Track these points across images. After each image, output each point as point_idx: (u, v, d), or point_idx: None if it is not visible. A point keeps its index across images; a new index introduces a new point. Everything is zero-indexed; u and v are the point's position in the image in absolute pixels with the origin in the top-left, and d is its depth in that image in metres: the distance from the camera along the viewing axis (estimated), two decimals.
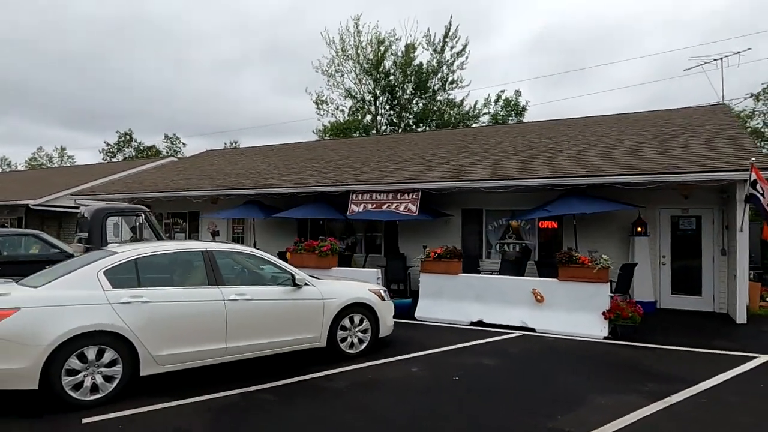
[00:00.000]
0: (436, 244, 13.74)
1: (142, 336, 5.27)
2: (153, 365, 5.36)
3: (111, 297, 5.22)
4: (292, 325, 6.35)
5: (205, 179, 17.08)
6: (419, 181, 12.21)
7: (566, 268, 8.64)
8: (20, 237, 10.31)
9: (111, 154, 43.41)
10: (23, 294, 4.96)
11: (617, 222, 11.72)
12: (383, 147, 17.32)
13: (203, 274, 5.93)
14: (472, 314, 9.29)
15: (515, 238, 13.15)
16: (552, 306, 8.74)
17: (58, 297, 5.01)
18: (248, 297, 6.01)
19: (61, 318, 4.91)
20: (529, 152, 13.04)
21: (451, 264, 9.67)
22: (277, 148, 21.23)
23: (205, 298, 5.75)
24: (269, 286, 6.36)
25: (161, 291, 5.54)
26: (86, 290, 5.17)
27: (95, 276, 5.29)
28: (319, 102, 35.33)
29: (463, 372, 6.27)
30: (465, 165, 12.97)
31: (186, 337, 5.56)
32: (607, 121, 15.27)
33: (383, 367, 6.50)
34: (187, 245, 6.13)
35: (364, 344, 7.02)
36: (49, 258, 9.41)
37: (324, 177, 14.30)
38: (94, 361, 5.04)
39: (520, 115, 31.68)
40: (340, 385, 5.77)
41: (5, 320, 4.71)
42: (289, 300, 6.36)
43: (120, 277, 5.42)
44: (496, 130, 17.13)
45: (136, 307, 5.30)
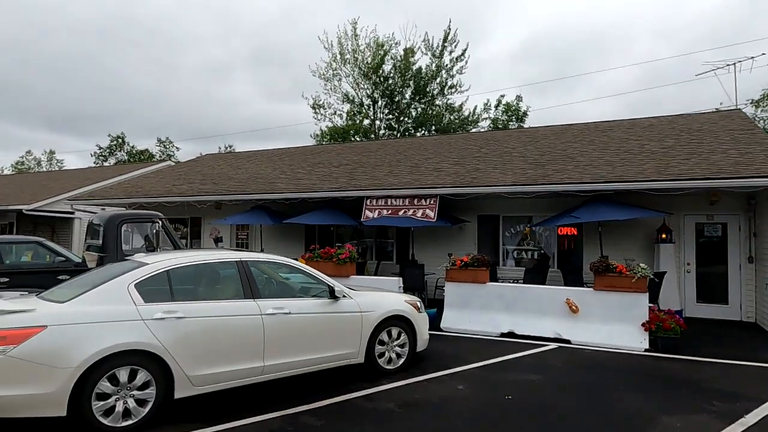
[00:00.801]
0: (451, 251, 13.46)
1: (177, 355, 4.83)
2: (188, 387, 4.92)
3: (143, 312, 4.78)
4: (330, 340, 5.93)
5: (208, 184, 16.59)
6: (438, 186, 11.85)
7: (602, 277, 8.31)
8: (23, 245, 9.79)
9: (103, 158, 42.58)
10: (49, 310, 4.50)
11: (641, 229, 11.45)
12: (391, 151, 16.96)
13: (238, 286, 5.50)
14: (502, 325, 8.93)
15: (533, 245, 12.87)
16: (587, 317, 8.40)
17: (88, 313, 4.56)
18: (286, 311, 5.59)
19: (92, 336, 4.46)
20: (548, 157, 12.74)
21: (479, 272, 9.30)
22: (280, 152, 20.79)
23: (241, 312, 5.32)
24: (306, 298, 5.95)
25: (196, 305, 5.10)
26: (117, 305, 4.72)
27: (126, 289, 4.85)
28: (316, 106, 34.96)
29: (513, 390, 5.89)
30: (482, 170, 12.64)
31: (222, 355, 5.13)
32: (621, 126, 15.06)
33: (426, 384, 6.10)
34: (219, 255, 5.70)
35: (402, 359, 6.62)
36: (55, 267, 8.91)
37: (335, 182, 13.89)
38: (126, 383, 4.60)
39: (521, 120, 31.52)
40: (387, 406, 5.36)
41: (31, 340, 4.25)
42: (327, 313, 5.95)
43: (152, 290, 4.98)
44: (507, 135, 16.85)
45: (170, 323, 4.86)
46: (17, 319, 4.32)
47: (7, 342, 4.19)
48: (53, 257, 9.82)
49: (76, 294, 4.75)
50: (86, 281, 5.26)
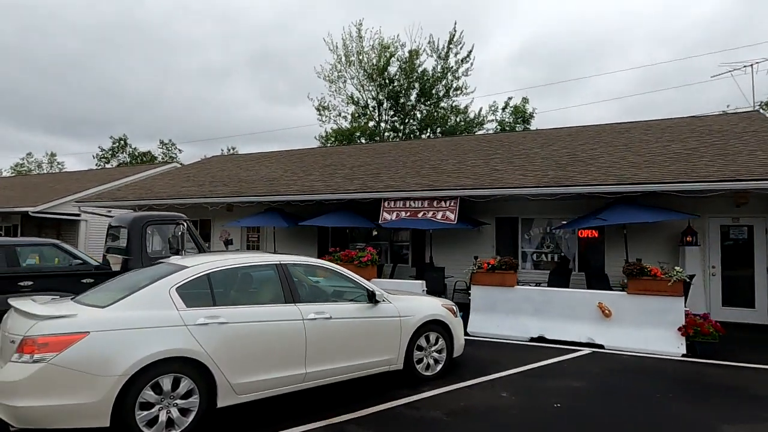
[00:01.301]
0: (468, 254, 13.26)
1: (221, 362, 4.62)
2: (231, 395, 4.71)
3: (186, 318, 4.57)
4: (369, 346, 5.73)
5: (218, 185, 16.38)
6: (458, 187, 11.67)
7: (637, 281, 8.13)
8: (40, 247, 9.56)
9: (105, 160, 42.29)
10: (91, 315, 4.29)
11: (665, 231, 11.27)
12: (404, 153, 16.78)
13: (279, 291, 5.30)
14: (531, 329, 8.74)
15: (552, 247, 12.69)
16: (620, 321, 8.21)
17: (130, 318, 4.35)
18: (327, 315, 5.39)
19: (135, 343, 4.25)
20: (567, 159, 12.58)
21: (506, 275, 9.11)
22: (289, 153, 20.60)
23: (283, 317, 5.12)
24: (345, 302, 5.74)
25: (238, 310, 4.90)
26: (159, 310, 4.52)
27: (167, 294, 4.64)
28: (321, 108, 34.77)
29: (559, 398, 5.69)
30: (501, 171, 12.47)
31: (265, 362, 4.93)
32: (637, 127, 14.91)
33: (469, 392, 5.90)
34: (258, 257, 5.49)
35: (439, 365, 6.42)
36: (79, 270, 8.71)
37: (351, 184, 13.69)
38: (170, 392, 4.39)
39: (527, 122, 31.39)
40: (434, 414, 5.16)
41: (74, 346, 4.04)
42: (367, 318, 5.75)
43: (193, 294, 4.78)
44: (522, 137, 16.69)
45: (213, 329, 4.66)
46: (59, 324, 4.11)
47: (48, 349, 3.99)
48: (69, 260, 9.61)
49: (116, 298, 4.54)
50: (123, 285, 5.05)
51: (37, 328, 4.07)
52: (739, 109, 27.90)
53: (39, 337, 4.01)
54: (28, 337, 4.02)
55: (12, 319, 4.46)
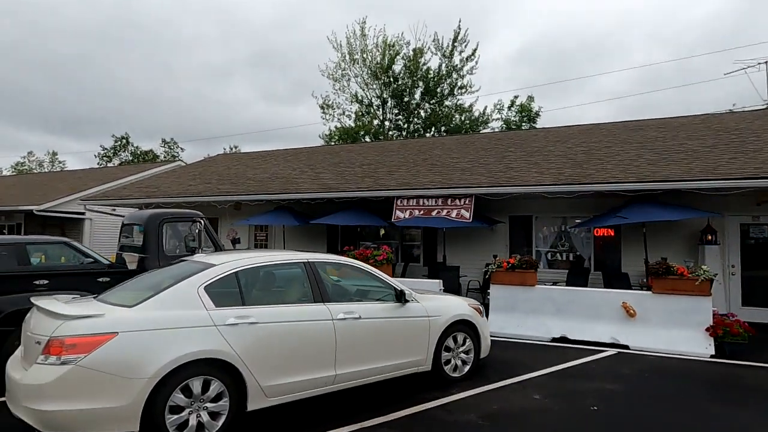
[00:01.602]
0: (481, 253, 13.10)
1: (251, 363, 4.45)
2: (261, 398, 4.54)
3: (216, 318, 4.40)
4: (398, 347, 5.56)
5: (226, 184, 16.20)
6: (473, 185, 11.50)
7: (662, 280, 7.96)
8: (50, 245, 9.38)
9: (107, 158, 42.07)
10: (119, 315, 4.11)
11: (684, 230, 11.10)
12: (413, 151, 16.60)
13: (307, 290, 5.13)
14: (553, 329, 8.57)
15: (568, 246, 12.53)
16: (645, 321, 8.05)
17: (159, 318, 4.17)
18: (356, 315, 5.22)
19: (165, 344, 4.08)
20: (583, 156, 12.41)
21: (527, 275, 8.94)
22: (296, 151, 20.42)
23: (313, 317, 4.94)
24: (374, 302, 5.57)
25: (268, 310, 4.72)
26: (188, 310, 4.34)
27: (196, 292, 4.47)
28: (325, 106, 34.60)
29: (595, 401, 5.52)
30: (515, 169, 12.30)
31: (295, 363, 4.75)
32: (650, 125, 14.74)
33: (500, 394, 5.73)
34: (285, 255, 5.32)
35: (467, 367, 6.25)
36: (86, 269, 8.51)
37: (361, 182, 13.52)
38: (199, 395, 4.21)
39: (533, 121, 31.22)
40: (469, 418, 4.99)
41: (102, 348, 3.87)
42: (396, 318, 5.58)
43: (221, 293, 4.60)
44: (533, 134, 16.51)
45: (243, 329, 4.48)
46: (87, 324, 3.94)
47: (76, 350, 3.81)
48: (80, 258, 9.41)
49: (143, 297, 4.36)
50: (147, 284, 4.88)
51: (64, 328, 3.89)
52: (747, 108, 27.77)
53: (66, 337, 3.84)
54: (54, 337, 3.85)
55: (35, 318, 4.29)
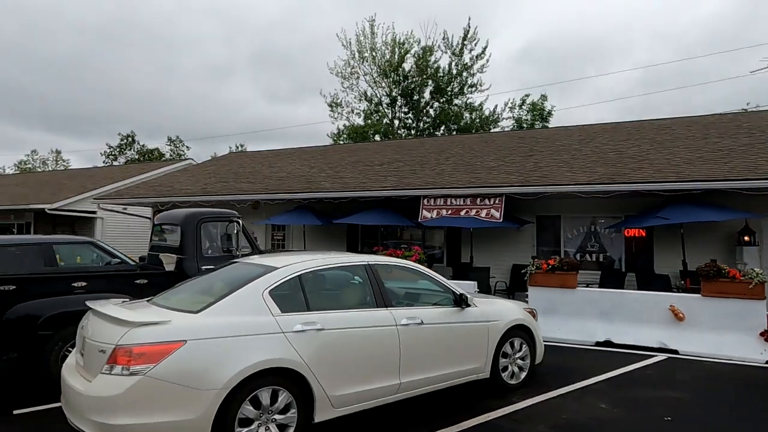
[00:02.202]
0: (507, 254, 12.86)
1: (318, 372, 4.20)
2: (329, 409, 4.29)
3: (283, 324, 4.15)
4: (459, 353, 5.32)
5: (243, 182, 15.96)
6: (503, 185, 11.25)
7: (712, 283, 7.72)
8: (75, 246, 9.12)
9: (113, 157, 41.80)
10: (186, 322, 3.86)
11: (721, 231, 10.84)
12: (433, 150, 16.35)
13: (369, 294, 4.88)
14: (597, 333, 8.32)
15: (597, 247, 12.29)
16: (694, 325, 7.80)
17: (227, 325, 3.93)
18: (418, 321, 4.97)
19: (234, 353, 3.83)
20: (614, 155, 12.15)
21: (568, 277, 8.70)
22: (312, 150, 20.18)
23: (377, 323, 4.70)
24: (434, 306, 5.32)
25: (333, 315, 4.48)
26: (254, 316, 4.09)
27: (261, 297, 4.22)
28: (333, 105, 34.34)
29: (665, 410, 5.27)
30: (544, 168, 12.05)
31: (361, 371, 4.51)
32: (678, 123, 14.49)
33: (563, 403, 5.48)
34: (347, 257, 5.07)
35: (524, 373, 6.00)
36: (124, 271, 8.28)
37: (385, 180, 13.28)
38: (268, 406, 3.97)
39: (545, 120, 30.96)
40: (540, 429, 4.74)
41: (171, 357, 3.62)
42: (457, 324, 5.33)
43: (286, 298, 4.35)
44: (555, 133, 16.24)
45: (310, 336, 4.23)
46: (154, 332, 3.69)
47: (145, 360, 3.57)
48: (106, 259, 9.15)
49: (206, 302, 4.11)
50: (205, 287, 4.65)
51: (132, 335, 3.64)
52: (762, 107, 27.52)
53: (134, 346, 3.59)
54: (121, 346, 3.60)
55: (94, 323, 4.04)
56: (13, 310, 5.63)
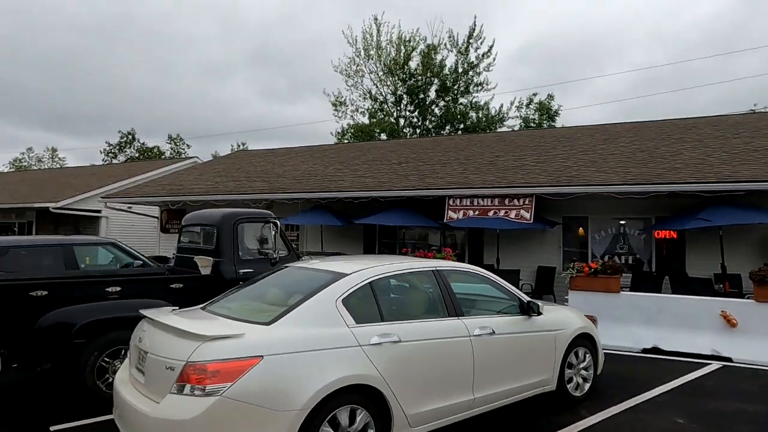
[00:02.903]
0: (532, 256, 12.53)
1: (396, 389, 3.85)
2: (405, 428, 3.93)
3: (359, 336, 3.79)
4: (528, 365, 4.98)
5: (256, 181, 15.57)
6: (533, 185, 10.93)
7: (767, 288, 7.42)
8: (97, 246, 8.72)
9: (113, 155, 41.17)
10: (260, 335, 3.49)
11: (756, 233, 10.54)
12: (451, 149, 16.02)
13: (440, 302, 4.53)
14: (643, 340, 8.01)
15: (626, 249, 11.98)
16: (748, 331, 7.50)
17: (302, 338, 3.56)
18: (490, 330, 4.63)
19: (313, 369, 3.47)
20: (643, 155, 11.85)
21: (611, 281, 8.39)
22: (323, 148, 19.81)
23: (451, 334, 4.35)
24: (502, 315, 4.98)
25: (408, 326, 4.12)
26: (329, 328, 3.73)
27: (335, 307, 3.86)
28: (337, 103, 33.96)
29: (747, 426, 4.95)
30: (572, 168, 11.74)
31: (437, 387, 4.16)
32: (704, 123, 14.22)
33: (637, 417, 5.15)
34: (413, 262, 4.71)
35: (587, 384, 5.67)
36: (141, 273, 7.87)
37: (406, 180, 12.93)
38: (347, 426, 3.61)
39: (552, 119, 30.72)
40: None
41: (247, 375, 3.26)
42: (526, 333, 4.99)
43: (360, 307, 3.99)
44: (574, 132, 15.93)
45: (387, 349, 3.88)
46: (228, 347, 3.32)
47: (221, 379, 3.20)
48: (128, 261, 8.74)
49: (276, 312, 3.75)
50: (264, 294, 4.29)
51: (204, 351, 3.27)
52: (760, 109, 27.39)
53: (209, 362, 3.22)
54: (194, 362, 3.23)
55: (154, 336, 3.66)
56: (45, 318, 5.24)
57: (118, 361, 5.45)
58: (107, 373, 5.40)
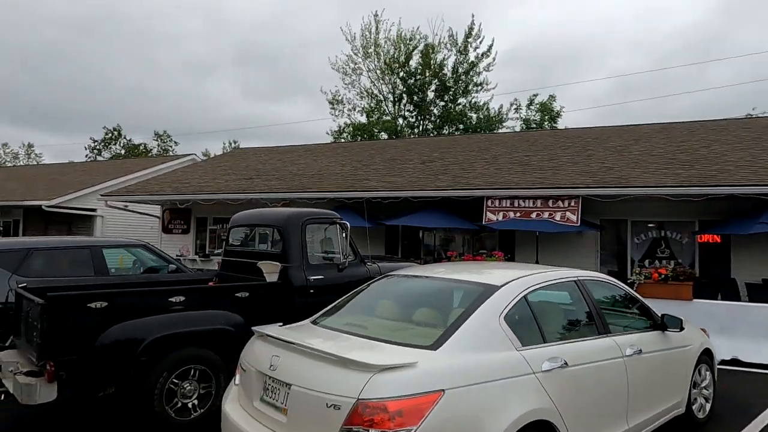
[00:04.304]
0: (567, 260, 12.00)
1: (568, 421, 3.25)
2: None
3: (531, 361, 3.18)
4: (667, 386, 4.43)
5: (271, 179, 14.82)
6: (579, 186, 10.45)
7: None
8: (130, 249, 7.94)
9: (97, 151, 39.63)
10: (433, 363, 2.85)
11: None
12: (474, 148, 15.49)
13: (589, 317, 3.94)
14: (720, 350, 7.53)
15: (668, 253, 11.59)
16: None
17: (476, 366, 2.94)
18: (638, 349, 4.06)
19: (494, 403, 2.86)
20: (684, 156, 11.48)
21: (682, 287, 7.94)
22: (334, 146, 19.19)
23: (608, 354, 3.77)
24: (640, 331, 4.41)
25: (570, 348, 3.52)
26: (499, 351, 3.11)
27: (499, 326, 3.24)
28: (335, 101, 33.24)
29: None
30: (614, 169, 11.30)
31: (598, 416, 3.58)
32: (733, 125, 13.96)
33: None
34: (555, 271, 4.10)
35: (708, 404, 5.16)
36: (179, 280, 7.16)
37: (438, 179, 12.35)
38: None
39: (554, 120, 30.49)
40: None
41: (432, 414, 2.62)
42: (665, 351, 4.44)
43: (521, 326, 3.38)
44: (601, 132, 15.51)
45: (557, 376, 3.28)
46: (405, 379, 2.67)
47: (404, 420, 2.56)
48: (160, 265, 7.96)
49: (437, 334, 3.10)
50: (393, 307, 3.66)
51: (379, 384, 2.62)
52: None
53: (389, 400, 2.57)
54: (369, 400, 2.57)
55: (295, 363, 2.98)
56: (107, 334, 4.49)
57: (186, 383, 4.75)
58: (175, 397, 4.68)
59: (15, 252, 6.83)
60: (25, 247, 6.99)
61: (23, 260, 6.85)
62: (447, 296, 3.58)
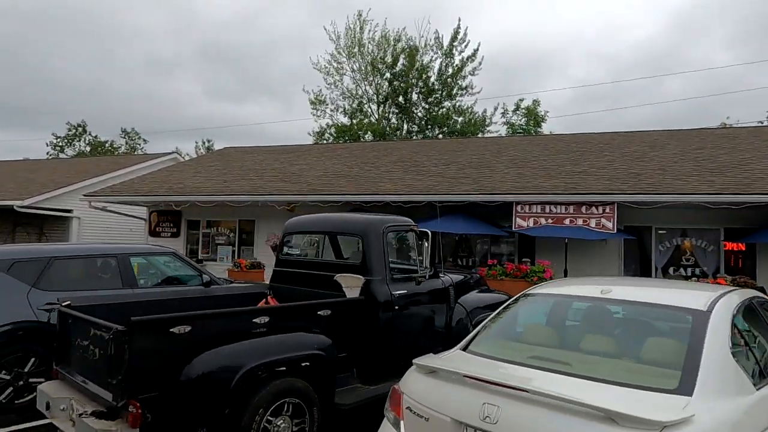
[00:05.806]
0: (589, 268, 11.75)
1: None
2: None
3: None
4: None
5: (274, 181, 14.04)
6: (614, 192, 10.17)
7: None
8: (158, 257, 7.09)
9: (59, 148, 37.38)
10: (710, 415, 2.30)
11: None
12: (486, 152, 15.11)
13: None
14: None
15: (693, 262, 11.47)
16: None
17: (738, 416, 2.43)
18: None
19: None
20: (711, 164, 11.39)
21: None
22: (334, 147, 18.51)
23: None
24: None
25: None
26: (744, 395, 2.60)
27: (732, 362, 2.73)
28: (317, 102, 32.40)
29: None
30: (642, 175, 11.09)
31: None
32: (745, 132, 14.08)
33: None
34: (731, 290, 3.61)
35: None
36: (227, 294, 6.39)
37: (461, 183, 11.88)
38: None
39: (538, 125, 30.61)
40: None
41: None
42: None
43: (741, 357, 2.88)
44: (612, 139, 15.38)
45: None
46: None
47: None
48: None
49: (668, 375, 2.56)
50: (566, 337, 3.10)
51: None
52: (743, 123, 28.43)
53: None
54: None
55: (516, 409, 2.39)
56: (194, 365, 3.76)
57: (280, 419, 4.06)
58: None
59: (35, 262, 5.93)
60: (45, 255, 6.08)
61: (43, 271, 5.96)
62: (643, 323, 3.05)
